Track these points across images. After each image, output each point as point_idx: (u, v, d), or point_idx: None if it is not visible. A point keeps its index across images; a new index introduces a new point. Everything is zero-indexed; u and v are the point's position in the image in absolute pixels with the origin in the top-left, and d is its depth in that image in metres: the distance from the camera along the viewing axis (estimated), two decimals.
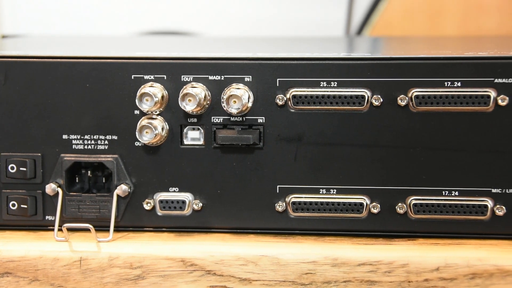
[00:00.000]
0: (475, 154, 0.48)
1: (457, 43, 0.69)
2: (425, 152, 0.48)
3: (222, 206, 0.50)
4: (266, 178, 0.50)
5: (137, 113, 0.50)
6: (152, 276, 0.48)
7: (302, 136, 0.49)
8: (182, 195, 0.50)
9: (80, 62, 0.50)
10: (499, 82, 0.47)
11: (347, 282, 0.47)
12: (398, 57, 0.48)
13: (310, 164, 0.49)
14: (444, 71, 0.48)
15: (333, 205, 0.49)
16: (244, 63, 0.49)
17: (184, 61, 0.49)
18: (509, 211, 0.48)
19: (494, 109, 0.48)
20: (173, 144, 0.50)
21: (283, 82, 0.49)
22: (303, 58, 0.49)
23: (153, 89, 0.49)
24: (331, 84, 0.49)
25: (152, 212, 0.51)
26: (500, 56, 0.47)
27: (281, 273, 0.47)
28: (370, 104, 0.48)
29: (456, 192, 0.49)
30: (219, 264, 0.48)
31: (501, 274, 0.46)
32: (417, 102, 0.48)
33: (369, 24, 0.97)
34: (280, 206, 0.50)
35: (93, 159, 0.50)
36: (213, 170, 0.50)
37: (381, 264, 0.47)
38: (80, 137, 0.50)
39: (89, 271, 0.48)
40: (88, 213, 0.51)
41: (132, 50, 0.59)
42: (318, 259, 0.47)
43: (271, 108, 0.49)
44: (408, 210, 0.49)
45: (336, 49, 0.62)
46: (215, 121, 0.50)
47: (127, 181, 0.50)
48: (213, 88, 0.49)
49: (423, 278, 0.47)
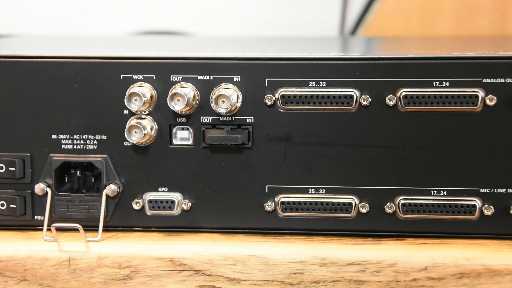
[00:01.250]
0: (464, 154, 0.48)
1: (449, 42, 0.70)
2: (414, 152, 0.49)
3: (211, 206, 0.50)
4: (255, 178, 0.50)
5: (126, 113, 0.50)
6: (141, 276, 0.48)
7: (291, 136, 0.49)
8: (171, 195, 0.50)
9: (69, 62, 0.50)
10: (487, 82, 0.47)
11: (336, 281, 0.47)
12: (386, 57, 0.48)
13: (299, 164, 0.49)
14: (432, 71, 0.48)
15: (322, 205, 0.49)
16: (233, 63, 0.49)
17: (173, 61, 0.49)
18: (497, 211, 0.48)
19: (482, 109, 0.48)
20: (162, 144, 0.50)
21: (272, 82, 0.49)
22: (292, 58, 0.49)
23: (142, 89, 0.49)
24: (320, 84, 0.49)
25: (141, 212, 0.51)
26: (488, 56, 0.47)
27: (269, 272, 0.48)
28: (359, 104, 0.48)
29: (445, 192, 0.49)
30: (208, 264, 0.48)
31: (489, 274, 0.46)
32: (405, 102, 0.48)
33: (363, 24, 0.97)
34: (269, 206, 0.50)
35: (82, 159, 0.50)
36: (202, 170, 0.50)
37: (370, 263, 0.47)
38: (69, 137, 0.50)
39: (78, 271, 0.48)
40: (77, 213, 0.51)
41: (122, 50, 0.59)
42: (306, 259, 0.47)
43: (260, 108, 0.49)
44: (397, 210, 0.49)
45: (327, 49, 0.62)
46: (204, 121, 0.50)
47: (116, 181, 0.50)
48: (202, 88, 0.49)
49: (411, 277, 0.47)
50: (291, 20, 1.03)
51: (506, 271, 0.46)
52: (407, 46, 0.69)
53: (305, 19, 1.03)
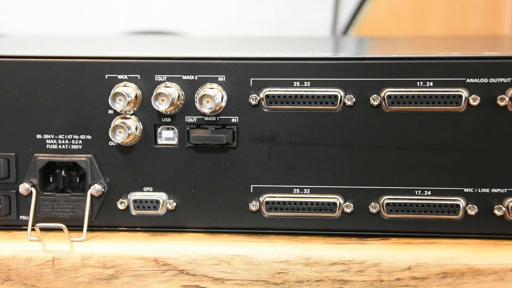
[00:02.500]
0: (448, 154, 0.48)
1: (437, 42, 0.70)
2: (398, 152, 0.49)
3: (196, 206, 0.50)
4: (240, 178, 0.50)
5: (111, 113, 0.50)
6: (125, 275, 0.48)
7: (276, 136, 0.49)
8: (156, 195, 0.50)
9: (53, 62, 0.50)
10: (471, 82, 0.47)
11: (320, 281, 0.47)
12: (370, 57, 0.48)
13: (284, 163, 0.49)
14: (416, 71, 0.48)
15: (306, 205, 0.50)
16: (218, 62, 0.49)
17: (158, 60, 0.49)
18: (480, 211, 0.48)
19: (466, 109, 0.48)
20: (147, 144, 0.50)
21: (256, 82, 0.49)
22: (276, 58, 0.49)
23: (127, 89, 0.49)
24: (304, 84, 0.49)
25: (126, 212, 0.51)
26: (472, 56, 0.47)
27: (254, 272, 0.48)
28: (343, 104, 0.48)
29: (429, 192, 0.49)
30: (192, 264, 0.48)
31: (472, 274, 0.46)
32: (389, 102, 0.48)
33: (355, 24, 0.98)
34: (254, 206, 0.50)
35: (67, 159, 0.50)
36: (187, 169, 0.50)
37: (353, 263, 0.47)
38: (54, 136, 0.50)
39: (62, 271, 0.48)
40: (62, 213, 0.51)
41: (107, 49, 0.59)
42: (290, 259, 0.47)
43: (244, 108, 0.49)
44: (381, 209, 0.49)
45: (315, 49, 0.62)
46: (188, 121, 0.50)
47: (101, 181, 0.50)
48: (187, 87, 0.49)
49: (395, 277, 0.47)
50: (285, 20, 1.03)
51: (489, 271, 0.46)
52: (395, 46, 0.69)
53: (298, 19, 1.03)
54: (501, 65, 0.47)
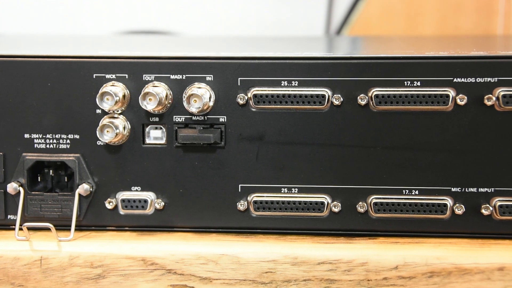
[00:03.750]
0: (435, 153, 0.48)
1: (428, 42, 0.70)
2: (386, 151, 0.49)
3: (184, 205, 0.50)
4: (228, 177, 0.50)
5: (99, 112, 0.50)
6: (113, 275, 0.48)
7: (264, 135, 0.49)
8: (144, 194, 0.50)
9: (41, 61, 0.49)
10: (458, 82, 0.47)
11: (307, 280, 0.47)
12: (358, 56, 0.48)
13: (272, 163, 0.50)
14: (403, 71, 0.48)
15: (294, 204, 0.50)
16: (206, 62, 0.49)
17: (146, 60, 0.49)
18: (468, 210, 0.48)
19: (453, 109, 0.48)
20: (135, 143, 0.50)
21: (244, 81, 0.49)
22: (264, 57, 0.49)
23: (114, 88, 0.49)
24: (292, 83, 0.49)
25: (114, 211, 0.51)
26: (459, 56, 0.48)
27: (241, 272, 0.48)
28: (331, 103, 0.49)
29: (416, 191, 0.49)
30: (180, 263, 0.48)
31: (459, 273, 0.46)
32: (377, 102, 0.48)
33: (349, 24, 0.98)
34: (242, 205, 0.50)
35: (55, 158, 0.50)
36: (175, 169, 0.50)
37: (341, 262, 0.47)
38: (42, 136, 0.50)
39: (50, 270, 0.48)
40: (50, 212, 0.51)
41: (95, 49, 0.59)
42: (278, 258, 0.47)
43: (232, 108, 0.49)
44: (369, 209, 0.49)
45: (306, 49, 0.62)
46: (177, 120, 0.50)
47: (89, 180, 0.50)
48: (175, 87, 0.49)
49: (382, 276, 0.47)
50: (279, 19, 1.04)
51: (476, 270, 0.46)
52: (385, 45, 0.69)
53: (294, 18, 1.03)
54: (488, 64, 0.47)
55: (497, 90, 0.47)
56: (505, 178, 0.48)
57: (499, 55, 0.47)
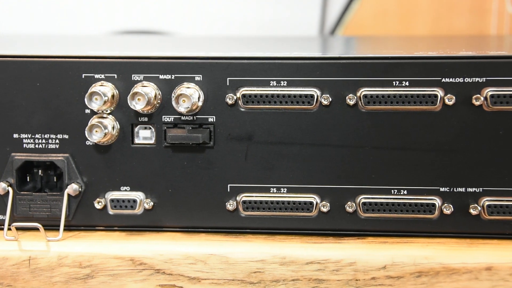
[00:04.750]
0: (424, 153, 0.48)
1: (420, 42, 0.70)
2: (374, 151, 0.49)
3: (173, 205, 0.50)
4: (217, 177, 0.50)
5: (88, 112, 0.50)
6: (101, 275, 0.48)
7: (253, 135, 0.49)
8: (134, 194, 0.50)
9: (30, 61, 0.49)
10: (446, 82, 0.48)
11: (296, 280, 0.47)
12: (346, 56, 0.48)
13: (261, 163, 0.50)
14: (392, 71, 0.48)
15: (283, 204, 0.50)
16: (195, 62, 0.49)
17: (135, 60, 0.49)
18: (456, 210, 0.48)
19: (442, 109, 0.48)
20: (125, 143, 0.50)
21: (233, 81, 0.49)
22: (253, 57, 0.49)
23: (103, 88, 0.49)
24: (280, 83, 0.49)
25: (103, 211, 0.51)
26: (447, 56, 0.48)
27: (230, 271, 0.48)
28: (320, 103, 0.49)
29: (405, 191, 0.49)
30: (168, 263, 0.48)
31: (447, 272, 0.46)
32: (365, 102, 0.48)
33: (343, 24, 0.98)
34: (231, 205, 0.50)
35: (44, 158, 0.50)
36: (164, 169, 0.50)
37: (329, 262, 0.47)
38: (31, 136, 0.50)
39: (38, 270, 0.48)
40: (39, 212, 0.51)
41: (86, 49, 0.59)
42: (266, 258, 0.47)
43: (221, 107, 0.49)
44: (358, 209, 0.49)
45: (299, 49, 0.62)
46: (166, 120, 0.50)
47: (78, 180, 0.50)
48: (164, 87, 0.49)
49: (370, 276, 0.47)
50: (274, 19, 1.04)
51: (464, 270, 0.46)
52: (378, 45, 0.69)
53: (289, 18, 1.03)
54: (476, 64, 0.47)
55: (485, 90, 0.47)
56: (493, 178, 0.48)
57: (487, 55, 0.47)
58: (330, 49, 0.68)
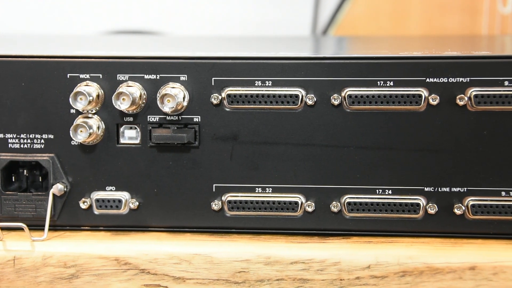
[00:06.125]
0: (408, 153, 0.48)
1: (408, 42, 0.70)
2: (359, 151, 0.49)
3: (159, 205, 0.50)
4: (202, 177, 0.50)
5: (73, 112, 0.50)
6: (86, 275, 0.48)
7: (238, 135, 0.49)
8: (119, 194, 0.50)
9: (15, 61, 0.49)
10: (430, 82, 0.48)
11: (280, 280, 0.47)
12: (331, 56, 0.48)
13: (246, 163, 0.50)
14: (376, 71, 0.48)
15: (268, 204, 0.50)
16: (180, 62, 0.49)
17: (120, 60, 0.49)
18: (440, 210, 0.49)
19: (426, 108, 0.48)
20: (110, 143, 0.50)
21: (218, 81, 0.49)
22: (237, 57, 0.49)
23: (88, 88, 0.49)
24: (266, 83, 0.49)
25: (89, 211, 0.51)
26: (431, 56, 0.48)
27: (214, 271, 0.48)
28: (304, 103, 0.49)
29: (390, 191, 0.49)
30: (153, 263, 0.48)
31: (431, 272, 0.46)
32: (350, 102, 0.48)
33: (335, 24, 0.98)
34: (216, 205, 0.50)
35: (29, 158, 0.50)
36: (150, 169, 0.50)
37: (314, 262, 0.47)
38: (16, 136, 0.50)
39: (23, 270, 0.48)
40: (24, 212, 0.51)
41: (71, 49, 0.59)
42: (251, 258, 0.47)
43: (206, 107, 0.49)
44: (343, 208, 0.49)
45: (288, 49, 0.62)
46: (151, 120, 0.50)
47: (64, 180, 0.50)
48: (149, 87, 0.49)
49: (355, 276, 0.47)
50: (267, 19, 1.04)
51: (447, 269, 0.46)
52: (367, 45, 0.69)
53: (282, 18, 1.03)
54: (460, 64, 0.47)
55: (469, 90, 0.47)
56: (478, 177, 0.48)
57: (471, 55, 0.47)
58: (319, 49, 0.68)
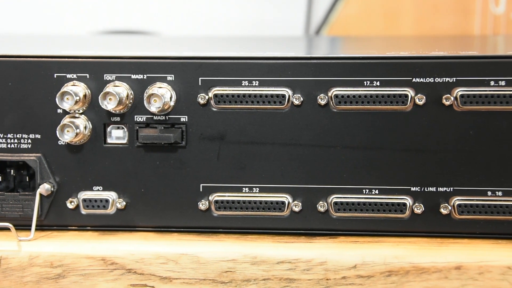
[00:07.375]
0: (394, 153, 0.48)
1: (399, 42, 0.70)
2: (346, 151, 0.49)
3: (146, 205, 0.50)
4: (189, 177, 0.50)
5: (60, 112, 0.50)
6: (73, 275, 0.48)
7: (225, 135, 0.49)
8: (106, 194, 0.50)
9: (1, 61, 0.49)
10: (417, 82, 0.48)
11: (267, 280, 0.47)
12: (318, 56, 0.48)
13: (233, 162, 0.50)
14: (363, 71, 0.48)
15: (255, 204, 0.50)
16: (166, 62, 0.49)
17: (107, 60, 0.49)
18: (427, 209, 0.49)
19: (412, 108, 0.48)
20: (97, 143, 0.50)
21: (205, 81, 0.49)
22: (224, 57, 0.49)
23: (75, 88, 0.49)
24: (252, 83, 0.49)
25: (76, 211, 0.51)
26: (417, 56, 0.48)
27: (201, 271, 0.48)
28: (291, 103, 0.49)
29: (376, 191, 0.49)
30: (140, 263, 0.48)
31: (417, 272, 0.46)
32: (337, 101, 0.48)
33: (328, 24, 0.98)
34: (203, 205, 0.50)
35: (16, 158, 0.50)
36: (137, 169, 0.50)
37: (300, 262, 0.47)
38: (3, 136, 0.50)
39: (9, 270, 0.48)
40: (11, 212, 0.50)
41: (57, 48, 0.59)
42: (237, 258, 0.48)
43: (193, 107, 0.49)
44: (329, 208, 0.49)
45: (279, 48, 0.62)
46: (138, 120, 0.50)
47: (51, 180, 0.50)
48: (136, 87, 0.49)
49: (341, 275, 0.47)
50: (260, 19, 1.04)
51: (433, 269, 0.46)
52: (357, 45, 0.69)
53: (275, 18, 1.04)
54: (447, 65, 0.47)
55: (455, 90, 0.47)
56: (464, 177, 0.48)
57: (458, 55, 0.47)
58: (310, 48, 0.68)
